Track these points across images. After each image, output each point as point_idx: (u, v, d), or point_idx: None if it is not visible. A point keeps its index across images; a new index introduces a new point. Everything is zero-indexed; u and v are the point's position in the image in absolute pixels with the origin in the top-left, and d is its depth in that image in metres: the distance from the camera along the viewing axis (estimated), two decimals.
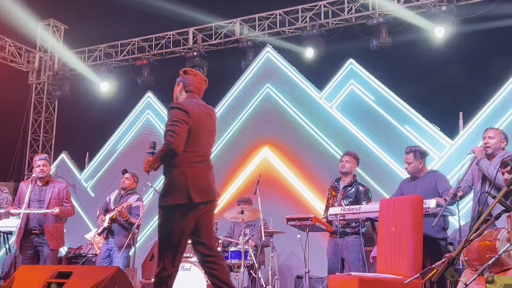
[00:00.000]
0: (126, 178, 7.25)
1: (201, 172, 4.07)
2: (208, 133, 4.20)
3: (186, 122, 3.94)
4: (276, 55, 9.98)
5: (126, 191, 7.19)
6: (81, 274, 3.07)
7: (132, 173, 7.36)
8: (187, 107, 3.99)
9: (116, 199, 7.23)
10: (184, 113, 3.95)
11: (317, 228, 6.19)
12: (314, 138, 9.27)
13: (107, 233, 7.10)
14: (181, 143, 3.93)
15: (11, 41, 12.12)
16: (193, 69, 4.46)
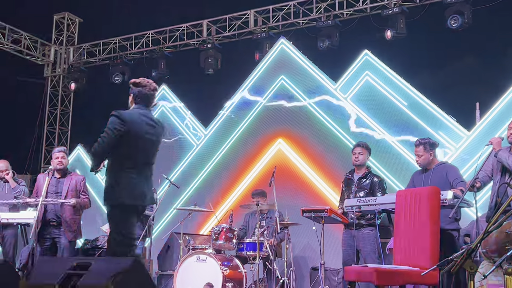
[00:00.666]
0: None
1: (134, 178, 4.38)
2: (148, 142, 4.49)
3: (119, 130, 4.30)
4: (291, 46, 9.94)
5: None
6: (100, 265, 3.09)
7: None
8: (125, 117, 4.36)
9: None
10: (119, 122, 4.32)
11: (333, 220, 6.19)
12: (329, 130, 9.24)
13: None
14: (105, 150, 4.33)
15: (26, 34, 12.20)
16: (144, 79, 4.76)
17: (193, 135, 10.60)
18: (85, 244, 9.14)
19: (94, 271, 3.08)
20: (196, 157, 10.41)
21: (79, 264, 3.18)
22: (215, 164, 10.14)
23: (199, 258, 6.72)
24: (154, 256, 8.38)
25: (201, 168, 10.22)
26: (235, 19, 11.07)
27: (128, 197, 4.32)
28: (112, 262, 3.26)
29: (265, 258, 7.12)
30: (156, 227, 9.50)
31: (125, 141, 4.35)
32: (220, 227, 7.11)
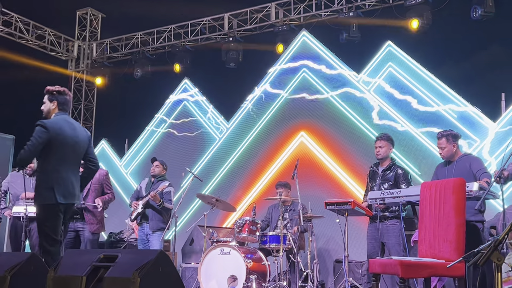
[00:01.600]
0: (156, 166, 7.46)
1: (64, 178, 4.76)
2: (74, 145, 4.87)
3: (43, 138, 4.66)
4: (312, 38, 9.89)
5: (156, 178, 7.37)
6: (126, 258, 3.13)
7: (161, 160, 7.57)
8: (49, 125, 4.72)
9: (147, 186, 7.41)
10: (43, 130, 4.67)
11: (356, 213, 6.16)
12: (352, 122, 9.19)
13: (141, 219, 7.27)
14: (30, 156, 4.69)
15: (50, 30, 12.34)
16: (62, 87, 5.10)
17: (216, 129, 10.64)
18: (109, 237, 9.25)
19: (121, 263, 3.12)
20: (219, 151, 10.45)
21: (105, 256, 3.22)
22: (238, 157, 10.16)
23: (223, 251, 6.74)
24: (178, 248, 8.45)
25: (224, 162, 10.26)
26: (256, 12, 11.05)
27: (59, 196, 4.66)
28: (138, 254, 3.29)
29: (289, 250, 7.13)
30: (180, 220, 9.56)
31: (53, 145, 4.74)
32: (243, 219, 7.13)
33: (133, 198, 7.60)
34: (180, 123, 11.05)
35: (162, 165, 7.55)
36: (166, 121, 11.22)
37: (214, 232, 7.57)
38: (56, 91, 5.02)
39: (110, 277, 3.07)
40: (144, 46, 12.24)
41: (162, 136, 11.20)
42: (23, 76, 11.43)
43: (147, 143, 11.32)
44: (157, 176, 7.43)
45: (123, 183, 11.18)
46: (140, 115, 11.68)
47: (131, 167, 11.36)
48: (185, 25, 11.76)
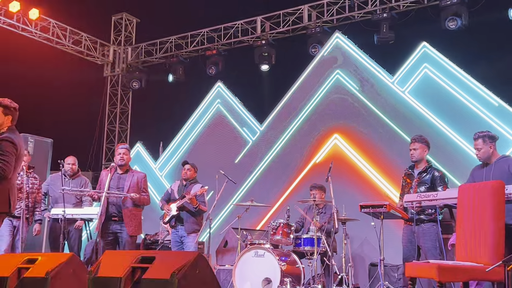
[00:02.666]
0: (187, 169, 7.50)
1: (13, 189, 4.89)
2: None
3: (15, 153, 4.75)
4: (346, 40, 9.84)
5: (189, 181, 7.41)
6: (163, 259, 3.17)
7: (192, 163, 7.62)
8: (16, 141, 4.79)
9: (179, 189, 7.44)
10: (13, 146, 4.74)
11: (392, 216, 6.08)
12: (386, 124, 9.11)
13: (175, 221, 7.31)
14: (10, 170, 4.71)
15: (86, 36, 12.57)
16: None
17: (249, 131, 10.67)
18: (145, 239, 9.36)
19: (158, 264, 3.16)
20: (252, 153, 10.48)
21: (143, 257, 3.26)
22: (271, 159, 10.18)
23: (257, 253, 6.75)
24: (212, 251, 8.49)
25: (257, 164, 10.28)
26: (289, 14, 11.07)
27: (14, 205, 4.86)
28: (176, 256, 3.33)
29: (323, 253, 7.10)
30: (214, 222, 9.62)
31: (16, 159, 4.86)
32: (277, 222, 7.13)
33: (163, 200, 7.63)
34: (214, 126, 11.13)
35: (194, 168, 7.59)
36: (200, 124, 11.30)
37: (248, 235, 7.59)
38: (13, 108, 5.02)
39: (148, 279, 3.12)
40: (178, 50, 12.37)
41: (196, 139, 11.29)
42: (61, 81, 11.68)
43: (181, 146, 11.42)
44: (189, 179, 7.48)
45: (157, 185, 11.31)
46: (174, 118, 11.81)
47: (165, 170, 11.48)
48: (218, 28, 11.85)
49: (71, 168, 7.85)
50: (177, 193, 7.44)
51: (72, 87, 12.22)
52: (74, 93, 12.23)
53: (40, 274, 3.43)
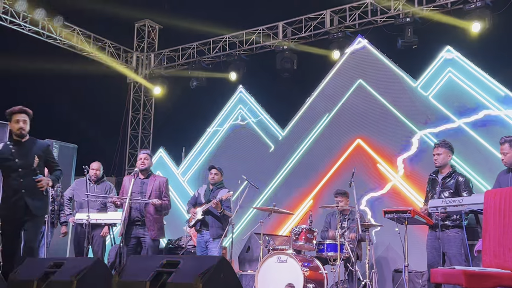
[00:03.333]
0: (214, 173, 7.52)
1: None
2: None
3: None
4: (369, 44, 9.79)
5: (215, 186, 7.44)
6: (188, 263, 3.17)
7: (218, 168, 7.64)
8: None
9: (206, 193, 7.47)
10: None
11: (416, 221, 6.01)
12: (411, 129, 9.03)
13: (200, 225, 7.34)
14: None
15: (110, 42, 12.71)
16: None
17: (270, 136, 10.66)
18: (168, 244, 9.40)
19: (183, 269, 3.17)
20: (274, 158, 10.46)
21: (168, 262, 3.27)
22: (293, 165, 10.15)
23: (280, 259, 6.72)
24: (234, 256, 8.49)
25: (279, 169, 10.27)
26: (310, 19, 11.06)
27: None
28: (200, 260, 3.34)
29: (346, 259, 7.05)
30: (236, 227, 9.62)
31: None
32: (300, 227, 7.10)
33: (190, 204, 7.68)
34: (236, 131, 11.15)
35: (220, 172, 7.63)
36: (222, 129, 11.34)
37: (271, 240, 7.58)
38: (31, 114, 5.59)
39: (172, 283, 3.13)
40: (200, 56, 12.44)
41: (218, 144, 11.32)
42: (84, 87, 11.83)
43: (204, 151, 11.46)
44: (216, 184, 7.51)
45: (180, 190, 11.35)
46: (196, 124, 11.87)
47: (188, 175, 11.53)
48: (240, 34, 11.88)
49: (95, 173, 7.93)
50: (204, 197, 7.48)
51: (95, 94, 12.36)
52: (98, 100, 12.37)
53: (66, 278, 3.47)
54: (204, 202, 7.39)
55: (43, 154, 5.55)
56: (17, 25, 10.83)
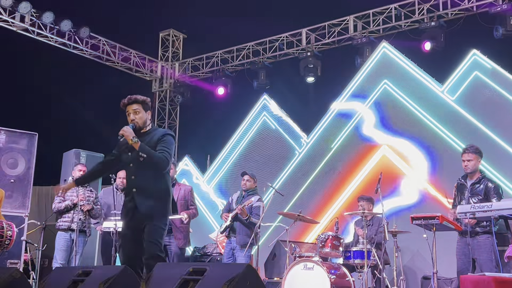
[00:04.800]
0: (246, 180, 7.50)
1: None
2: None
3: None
4: (393, 50, 9.72)
5: (247, 192, 7.43)
6: (214, 271, 3.18)
7: (251, 174, 7.62)
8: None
9: (238, 199, 7.49)
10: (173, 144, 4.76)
11: (444, 227, 5.94)
12: (437, 134, 8.92)
13: (229, 231, 7.35)
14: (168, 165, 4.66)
15: (135, 52, 12.85)
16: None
17: (296, 143, 10.64)
18: (194, 252, 9.42)
19: (210, 276, 3.17)
20: (299, 165, 10.43)
21: (194, 269, 3.28)
22: (318, 171, 10.10)
23: (306, 266, 6.69)
24: (260, 263, 8.47)
25: (305, 176, 10.23)
26: (334, 25, 11.03)
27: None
28: (227, 268, 3.34)
29: (373, 266, 6.98)
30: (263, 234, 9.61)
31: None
32: (326, 234, 7.06)
33: (224, 210, 7.70)
34: (260, 138, 11.15)
35: (253, 179, 7.61)
36: (247, 136, 11.36)
37: (296, 247, 7.55)
38: (149, 101, 4.81)
39: None
40: (224, 64, 12.50)
41: (243, 152, 11.33)
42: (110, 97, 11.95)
43: (229, 159, 11.49)
44: (248, 190, 7.51)
45: (205, 198, 11.39)
46: (221, 132, 11.91)
47: (213, 183, 11.56)
48: (263, 42, 11.91)
49: (122, 182, 8.00)
50: (236, 203, 7.49)
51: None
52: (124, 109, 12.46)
53: (94, 286, 3.50)
54: (235, 207, 7.41)
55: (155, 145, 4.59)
56: (44, 36, 11.01)
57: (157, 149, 4.49)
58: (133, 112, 4.63)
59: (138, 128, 4.60)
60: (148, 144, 4.50)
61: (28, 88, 11.41)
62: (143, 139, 4.53)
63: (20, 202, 8.73)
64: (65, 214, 7.49)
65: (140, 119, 4.62)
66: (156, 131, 4.72)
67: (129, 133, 4.45)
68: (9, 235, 6.94)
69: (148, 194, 4.48)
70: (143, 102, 4.67)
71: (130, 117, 4.62)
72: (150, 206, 4.43)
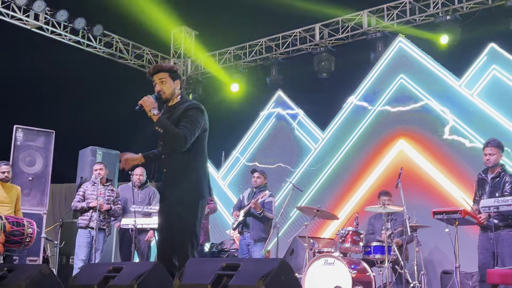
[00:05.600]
0: (257, 177, 7.58)
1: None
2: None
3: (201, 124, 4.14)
4: (409, 44, 9.68)
5: (259, 188, 7.49)
6: (248, 266, 3.18)
7: (261, 170, 7.70)
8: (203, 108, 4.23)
9: (249, 196, 7.53)
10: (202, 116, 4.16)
11: (467, 222, 5.94)
12: (455, 128, 8.88)
13: (242, 227, 7.39)
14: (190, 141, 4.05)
15: (148, 50, 12.86)
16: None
17: (311, 139, 10.62)
18: (211, 248, 9.44)
19: (244, 271, 3.17)
20: (315, 161, 10.42)
21: (228, 265, 3.28)
22: (335, 166, 10.08)
23: (327, 262, 6.70)
24: None
25: (320, 171, 10.21)
26: (347, 20, 10.98)
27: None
28: (260, 263, 3.34)
29: (394, 261, 6.96)
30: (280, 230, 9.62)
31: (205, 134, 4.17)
32: (346, 230, 7.05)
33: (235, 208, 7.78)
34: (275, 134, 11.15)
35: (263, 175, 7.69)
36: (261, 132, 11.35)
37: (315, 243, 7.55)
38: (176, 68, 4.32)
39: (234, 285, 3.13)
40: (236, 61, 12.47)
41: (258, 148, 11.33)
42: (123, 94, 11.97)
43: (243, 155, 11.49)
44: (259, 187, 7.56)
45: (220, 194, 11.40)
46: (235, 128, 11.90)
47: (228, 179, 11.57)
48: (276, 37, 11.88)
49: (138, 178, 8.04)
50: (247, 200, 7.54)
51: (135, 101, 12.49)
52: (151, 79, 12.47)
53: (127, 282, 3.51)
54: (247, 204, 7.46)
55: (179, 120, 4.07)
56: (58, 35, 11.03)
57: (180, 125, 3.99)
58: (159, 81, 4.16)
59: (164, 100, 4.15)
60: (173, 118, 4.03)
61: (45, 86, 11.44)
62: (170, 113, 4.11)
63: (38, 199, 8.79)
64: (84, 212, 7.55)
65: (167, 89, 4.13)
66: (184, 104, 4.16)
67: (148, 103, 3.98)
68: (30, 232, 7.00)
69: (177, 175, 4.06)
70: (169, 70, 4.20)
71: (156, 87, 4.16)
72: (180, 189, 4.03)
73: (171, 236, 4.06)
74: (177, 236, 4.02)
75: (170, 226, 4.07)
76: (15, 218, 6.99)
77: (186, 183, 4.04)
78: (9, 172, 7.54)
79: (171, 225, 4.06)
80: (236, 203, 7.87)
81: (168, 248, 4.09)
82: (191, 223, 4.04)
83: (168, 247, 4.09)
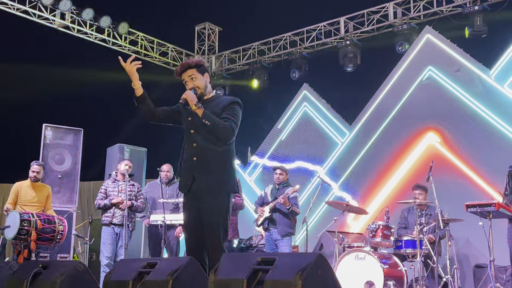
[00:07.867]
0: (279, 173, 7.60)
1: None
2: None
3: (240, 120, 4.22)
4: (437, 35, 9.53)
5: (282, 184, 7.49)
6: (284, 261, 3.15)
7: (282, 167, 7.68)
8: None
9: (272, 192, 7.53)
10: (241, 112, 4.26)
11: (501, 214, 5.84)
12: (485, 120, 8.73)
13: (268, 223, 7.38)
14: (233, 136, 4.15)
15: (172, 47, 12.90)
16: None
17: (338, 133, 10.55)
18: (239, 243, 9.44)
19: (280, 266, 3.14)
20: (342, 155, 10.35)
21: (263, 259, 3.25)
22: (363, 161, 9.99)
23: (358, 256, 6.65)
24: None
25: (348, 166, 10.13)
26: (373, 13, 10.86)
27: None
28: (297, 257, 3.31)
29: (425, 255, 6.87)
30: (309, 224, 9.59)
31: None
32: (376, 224, 6.98)
33: (257, 204, 7.78)
34: (301, 129, 11.10)
35: (285, 172, 7.71)
36: (287, 127, 11.31)
37: (345, 237, 7.51)
38: (203, 62, 4.27)
39: (270, 280, 3.10)
40: (261, 56, 12.43)
41: (284, 143, 11.29)
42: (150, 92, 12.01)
43: (269, 150, 11.46)
44: (281, 183, 7.58)
45: (247, 190, 11.39)
46: (260, 123, 11.88)
47: (254, 175, 11.56)
48: (300, 32, 11.81)
49: (166, 175, 8.05)
50: (270, 196, 7.55)
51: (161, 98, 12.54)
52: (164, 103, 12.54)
53: (162, 278, 3.50)
54: (271, 201, 7.45)
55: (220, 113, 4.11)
56: (84, 33, 11.13)
57: (222, 117, 4.03)
58: (189, 79, 4.16)
59: (200, 94, 4.14)
60: (212, 112, 4.03)
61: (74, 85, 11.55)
62: (206, 106, 4.06)
63: (68, 197, 8.90)
64: (108, 209, 7.58)
65: (200, 84, 4.15)
66: (221, 98, 4.26)
67: (192, 97, 4.01)
68: (61, 229, 7.09)
69: (210, 165, 4.03)
70: (197, 65, 4.17)
71: (188, 85, 4.15)
72: (210, 180, 3.99)
73: (200, 230, 3.99)
74: (209, 229, 3.95)
75: (200, 219, 4.00)
76: (46, 216, 7.08)
77: (219, 175, 4.03)
78: (39, 173, 7.63)
79: (201, 218, 3.99)
80: (258, 199, 7.86)
81: (199, 243, 4.02)
82: (224, 216, 3.99)
83: (199, 241, 4.02)
